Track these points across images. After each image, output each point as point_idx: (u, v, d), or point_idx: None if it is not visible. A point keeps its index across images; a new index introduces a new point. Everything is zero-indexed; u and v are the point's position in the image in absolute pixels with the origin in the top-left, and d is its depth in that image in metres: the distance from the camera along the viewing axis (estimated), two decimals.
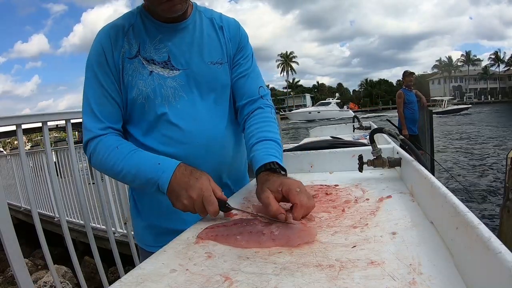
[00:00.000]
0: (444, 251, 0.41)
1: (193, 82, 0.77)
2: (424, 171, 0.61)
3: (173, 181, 0.65)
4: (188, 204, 0.63)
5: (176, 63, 0.76)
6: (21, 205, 4.64)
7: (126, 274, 0.44)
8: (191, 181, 0.64)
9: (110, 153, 0.72)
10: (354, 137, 2.06)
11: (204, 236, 0.55)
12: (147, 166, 0.69)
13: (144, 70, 0.74)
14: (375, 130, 0.93)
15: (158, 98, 0.74)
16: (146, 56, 0.74)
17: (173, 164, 0.68)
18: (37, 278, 2.74)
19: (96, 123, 0.74)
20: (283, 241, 0.50)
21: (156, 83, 0.74)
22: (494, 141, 10.75)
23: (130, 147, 0.73)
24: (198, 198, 0.62)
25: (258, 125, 0.79)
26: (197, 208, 0.63)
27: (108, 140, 0.74)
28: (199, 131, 0.77)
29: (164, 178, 0.66)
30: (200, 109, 0.78)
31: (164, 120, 0.75)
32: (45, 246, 1.38)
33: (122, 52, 0.73)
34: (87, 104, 0.75)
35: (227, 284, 0.39)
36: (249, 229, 0.54)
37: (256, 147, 0.75)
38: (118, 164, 0.71)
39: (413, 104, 4.49)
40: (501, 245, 0.29)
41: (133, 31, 0.75)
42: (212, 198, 0.62)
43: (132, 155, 0.71)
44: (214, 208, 0.61)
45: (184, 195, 0.63)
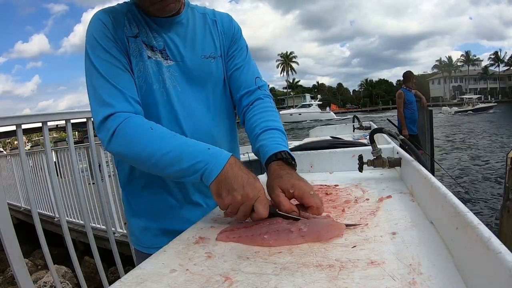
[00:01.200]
0: (444, 251, 0.41)
1: (186, 75, 0.76)
2: (424, 171, 0.61)
3: (229, 171, 0.59)
4: (241, 200, 0.57)
5: (170, 54, 0.75)
6: (21, 205, 4.64)
7: (126, 274, 0.44)
8: (251, 179, 0.59)
9: (143, 132, 0.64)
10: (354, 137, 2.06)
11: (225, 238, 0.54)
12: (196, 149, 0.62)
13: (144, 52, 0.72)
14: (375, 130, 0.93)
15: (155, 84, 0.73)
16: (145, 40, 0.73)
17: (226, 153, 0.62)
18: (37, 278, 2.74)
19: (116, 96, 0.66)
20: (314, 237, 0.50)
21: (155, 68, 0.73)
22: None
23: (166, 130, 0.66)
24: (253, 197, 0.57)
25: (260, 115, 0.78)
26: (245, 207, 0.57)
27: (139, 119, 0.66)
28: (191, 124, 0.76)
29: (217, 165, 0.60)
30: (192, 102, 0.77)
31: (160, 108, 0.73)
32: (45, 246, 1.38)
33: (125, 30, 0.71)
34: (101, 80, 0.67)
35: (227, 284, 0.39)
36: (275, 228, 0.54)
37: (262, 137, 0.73)
38: (156, 144, 0.62)
39: (413, 104, 4.50)
40: (501, 245, 0.29)
41: (131, 15, 0.74)
42: (267, 201, 0.58)
43: (174, 136, 0.65)
44: (266, 212, 0.57)
45: (240, 190, 0.57)
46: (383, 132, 0.92)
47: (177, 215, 0.79)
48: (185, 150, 0.62)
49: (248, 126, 0.79)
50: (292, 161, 0.68)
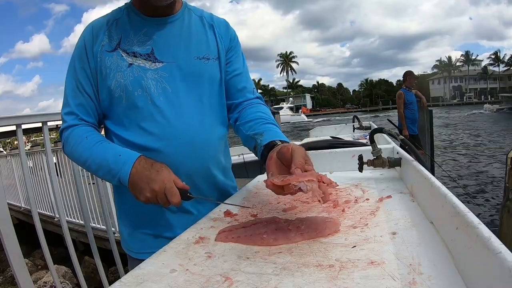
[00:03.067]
0: (444, 251, 0.41)
1: (178, 76, 0.76)
2: (424, 171, 0.61)
3: (134, 174, 0.66)
4: (151, 196, 0.65)
5: (159, 55, 0.75)
6: (21, 205, 4.64)
7: (126, 274, 0.45)
8: (153, 174, 0.65)
9: (80, 142, 0.73)
10: (354, 137, 2.06)
11: (224, 238, 0.54)
12: (110, 157, 0.69)
13: (123, 62, 0.73)
14: (375, 130, 0.93)
15: (138, 90, 0.73)
16: (126, 49, 0.74)
17: (133, 156, 0.68)
18: (37, 278, 2.74)
19: (70, 114, 0.76)
20: (312, 234, 0.50)
21: (136, 74, 0.73)
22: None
23: (98, 137, 0.74)
24: (160, 190, 0.64)
25: (259, 114, 0.79)
26: (160, 200, 0.65)
27: (80, 130, 0.75)
28: (183, 126, 0.75)
29: (124, 171, 0.67)
30: (184, 104, 0.76)
31: (146, 113, 0.74)
32: (45, 246, 1.38)
33: (102, 45, 0.74)
34: (65, 95, 0.77)
35: (227, 284, 0.39)
36: (273, 227, 0.54)
37: (269, 127, 0.74)
38: (85, 154, 0.72)
39: (413, 104, 4.50)
40: (501, 245, 0.29)
41: (116, 25, 0.76)
42: (174, 189, 0.64)
43: (98, 145, 0.72)
44: (177, 199, 0.64)
45: (147, 188, 0.65)
46: (383, 132, 0.92)
47: (166, 221, 0.79)
48: (103, 160, 0.70)
49: (244, 124, 0.79)
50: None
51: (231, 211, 0.67)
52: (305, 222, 0.54)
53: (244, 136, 0.79)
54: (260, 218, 0.61)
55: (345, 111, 64.03)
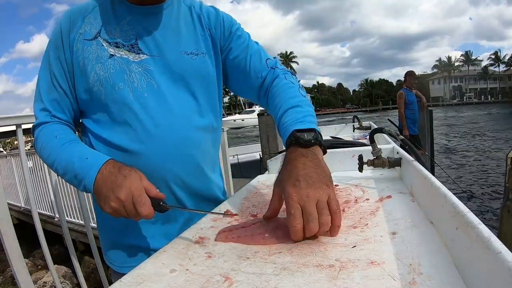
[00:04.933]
0: (444, 251, 0.41)
1: (164, 70, 0.68)
2: (424, 171, 0.61)
3: (99, 180, 0.57)
4: (117, 207, 0.55)
5: (143, 47, 0.68)
6: (21, 205, 4.64)
7: (126, 274, 0.44)
8: (119, 179, 0.56)
9: (48, 142, 0.66)
10: (354, 137, 2.06)
11: (224, 238, 0.53)
12: (76, 160, 0.61)
13: (104, 52, 0.66)
14: (375, 130, 0.93)
15: (119, 84, 0.65)
16: (107, 38, 0.67)
17: (101, 160, 0.60)
18: (37, 278, 2.74)
19: (42, 110, 0.69)
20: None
21: (118, 67, 0.66)
22: None
23: (69, 137, 0.66)
24: (127, 199, 0.54)
25: (276, 102, 0.71)
26: (128, 211, 0.55)
27: (50, 128, 0.68)
28: (169, 125, 0.67)
29: (90, 176, 0.58)
30: (171, 101, 0.68)
31: (128, 110, 0.66)
32: (45, 246, 1.38)
33: (80, 33, 0.67)
34: (37, 89, 0.70)
35: (227, 284, 0.39)
36: (273, 226, 0.54)
37: (280, 127, 0.66)
38: (52, 155, 0.64)
39: (414, 104, 4.50)
40: (501, 245, 0.29)
41: (98, 12, 0.68)
42: (143, 198, 0.55)
43: (67, 146, 0.64)
44: (147, 210, 0.54)
45: (111, 197, 0.55)
46: (383, 132, 0.92)
47: (149, 231, 0.72)
48: (69, 163, 0.62)
49: (272, 114, 0.73)
50: (303, 138, 0.57)
51: (231, 211, 0.67)
52: None
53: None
54: (259, 218, 0.61)
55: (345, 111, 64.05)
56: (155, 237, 0.71)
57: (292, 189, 0.50)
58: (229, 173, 2.35)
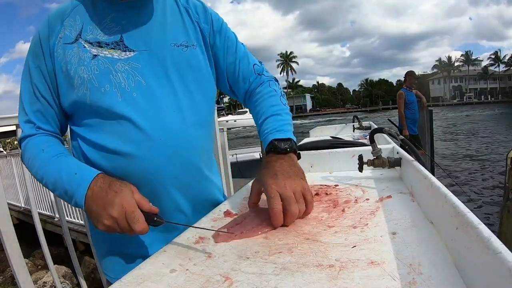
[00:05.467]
0: (444, 251, 0.41)
1: (153, 66, 0.65)
2: (424, 171, 0.61)
3: (90, 198, 0.56)
4: (111, 225, 0.55)
5: (130, 43, 0.64)
6: (21, 205, 4.64)
7: (126, 274, 0.44)
8: (109, 196, 0.55)
9: (35, 156, 0.64)
10: (354, 137, 2.06)
11: (227, 238, 0.53)
12: (65, 175, 0.59)
13: (86, 54, 0.63)
14: (375, 130, 0.93)
15: (105, 85, 0.62)
16: (89, 39, 0.63)
17: (90, 175, 0.58)
18: (37, 278, 2.74)
19: (26, 122, 0.67)
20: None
21: (102, 67, 0.62)
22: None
23: (57, 150, 0.64)
24: (120, 216, 0.54)
25: (258, 108, 0.76)
26: (122, 228, 0.55)
27: (36, 141, 0.66)
28: (162, 125, 0.64)
29: (79, 193, 0.57)
30: (162, 98, 0.65)
31: (117, 112, 0.62)
32: (45, 246, 1.38)
33: (59, 37, 0.63)
34: (20, 101, 0.68)
35: (227, 284, 0.39)
36: (266, 215, 0.56)
37: (260, 133, 0.71)
38: (41, 170, 0.63)
39: (414, 104, 4.50)
40: (501, 245, 0.29)
41: (77, 13, 0.65)
42: (136, 214, 0.54)
43: (54, 160, 0.62)
44: (140, 226, 0.53)
45: (104, 215, 0.54)
46: (383, 132, 0.92)
47: (144, 239, 0.69)
48: (58, 178, 0.60)
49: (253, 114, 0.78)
50: (280, 147, 0.65)
51: (231, 211, 0.67)
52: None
53: None
54: (247, 212, 0.62)
55: (345, 111, 64.06)
56: (154, 244, 0.67)
57: (270, 180, 0.57)
58: (229, 173, 2.35)
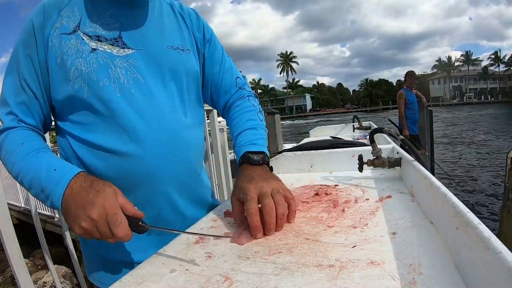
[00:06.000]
0: (444, 251, 0.41)
1: (150, 65, 0.64)
2: (424, 171, 0.61)
3: (68, 197, 0.51)
4: (89, 227, 0.49)
5: (128, 41, 0.63)
6: (21, 205, 4.64)
7: (126, 274, 0.44)
8: (90, 195, 0.50)
9: (13, 150, 0.58)
10: (354, 137, 2.06)
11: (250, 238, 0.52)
12: (43, 172, 0.54)
13: (85, 46, 0.60)
14: (375, 130, 0.93)
15: (103, 80, 0.60)
16: (87, 32, 0.61)
17: (70, 173, 0.53)
18: (37, 278, 2.74)
19: (8, 114, 0.62)
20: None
21: (101, 61, 0.60)
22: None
23: (37, 145, 0.60)
24: (100, 218, 0.49)
25: (235, 121, 0.76)
26: (102, 233, 0.49)
27: (16, 134, 0.61)
28: (160, 123, 0.63)
29: (57, 192, 0.52)
30: (159, 97, 0.64)
31: (115, 107, 0.60)
32: (45, 246, 1.38)
33: (55, 27, 0.60)
34: (3, 91, 0.63)
35: (227, 284, 0.39)
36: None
37: (235, 145, 0.71)
38: (17, 166, 0.57)
39: (414, 104, 4.50)
40: (501, 245, 0.29)
41: (75, 4, 0.63)
42: (118, 217, 0.49)
43: (33, 156, 0.57)
44: (122, 231, 0.48)
45: (82, 216, 0.49)
46: (383, 132, 0.92)
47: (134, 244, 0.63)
48: (36, 175, 0.55)
49: (230, 127, 0.78)
50: (253, 159, 0.66)
51: (231, 211, 0.67)
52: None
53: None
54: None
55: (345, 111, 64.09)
56: (150, 249, 0.60)
57: (248, 184, 0.58)
58: (229, 173, 2.35)
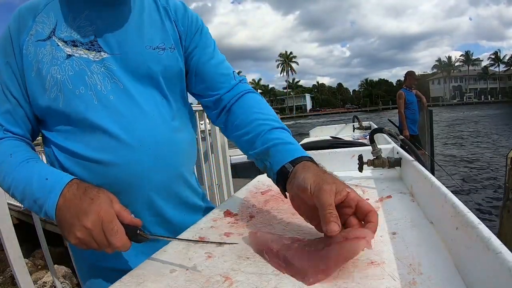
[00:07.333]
0: (444, 251, 0.41)
1: (127, 69, 0.61)
2: (424, 171, 0.61)
3: (62, 205, 0.49)
4: (84, 237, 0.47)
5: (104, 44, 0.60)
6: (21, 205, 4.64)
7: (126, 274, 0.44)
8: (84, 204, 0.48)
9: (2, 162, 0.57)
10: (354, 137, 2.06)
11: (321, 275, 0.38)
12: (35, 182, 0.52)
13: (60, 53, 0.58)
14: (375, 130, 0.93)
15: (79, 88, 0.57)
16: (63, 37, 0.59)
17: (62, 181, 0.51)
18: (37, 278, 2.74)
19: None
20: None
21: (77, 68, 0.58)
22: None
23: (26, 155, 0.58)
24: (95, 227, 0.46)
25: (257, 109, 0.65)
26: (98, 242, 0.47)
27: (4, 145, 0.58)
28: (143, 129, 0.60)
29: (50, 201, 0.50)
30: (141, 102, 0.61)
31: (93, 116, 0.57)
32: (45, 246, 1.38)
33: (30, 34, 0.59)
34: None
35: (227, 284, 0.39)
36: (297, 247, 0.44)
37: (272, 136, 0.59)
38: (8, 178, 0.55)
39: (414, 104, 4.50)
40: (501, 245, 0.29)
41: (51, 9, 0.60)
42: (114, 225, 0.47)
43: (23, 166, 0.55)
44: (120, 240, 0.47)
45: (77, 225, 0.47)
46: (383, 132, 0.92)
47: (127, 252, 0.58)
48: (27, 185, 0.53)
49: (239, 128, 0.65)
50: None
51: (231, 212, 0.67)
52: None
53: (246, 153, 0.64)
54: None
55: (345, 111, 64.11)
56: (137, 256, 0.60)
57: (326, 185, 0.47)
58: (229, 173, 2.35)
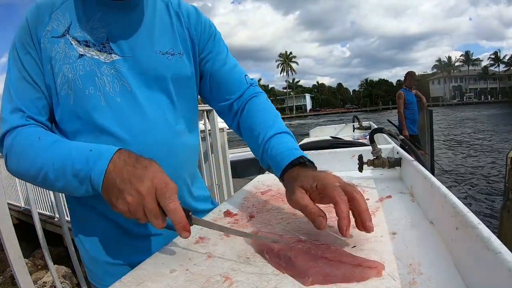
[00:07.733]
0: (444, 251, 0.41)
1: (137, 72, 0.62)
2: (424, 171, 0.62)
3: (112, 171, 0.48)
4: (135, 203, 0.45)
5: (115, 46, 0.61)
6: (21, 205, 4.64)
7: (126, 274, 0.44)
8: (138, 170, 0.47)
9: (30, 146, 0.55)
10: (354, 137, 2.06)
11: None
12: (76, 155, 0.51)
13: (72, 51, 0.59)
14: (375, 130, 0.94)
15: (89, 88, 0.59)
16: (76, 36, 0.60)
17: (111, 149, 0.51)
18: (37, 278, 2.74)
19: (14, 112, 0.59)
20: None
21: (88, 68, 0.59)
22: None
23: (55, 137, 0.58)
24: (148, 194, 0.45)
25: (260, 118, 0.68)
26: (148, 210, 0.45)
27: (29, 131, 0.58)
28: (147, 132, 0.61)
29: (99, 167, 0.49)
30: (147, 105, 0.62)
31: (99, 117, 0.59)
32: (45, 246, 1.38)
33: (47, 30, 0.60)
34: (7, 89, 0.61)
35: (227, 284, 0.39)
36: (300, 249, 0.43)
37: (273, 142, 0.63)
38: (39, 159, 0.54)
39: (413, 104, 4.50)
40: (501, 245, 0.29)
41: (66, 8, 0.61)
42: (169, 194, 0.45)
43: (58, 144, 0.55)
44: (174, 205, 0.45)
45: (129, 190, 0.45)
46: (383, 132, 0.93)
47: (129, 244, 0.65)
48: (67, 158, 0.52)
49: (247, 132, 0.69)
50: (312, 164, 0.60)
51: (231, 212, 0.67)
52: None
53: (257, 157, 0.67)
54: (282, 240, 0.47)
55: (345, 111, 64.13)
56: (136, 252, 0.63)
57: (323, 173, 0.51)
58: (229, 173, 2.36)
